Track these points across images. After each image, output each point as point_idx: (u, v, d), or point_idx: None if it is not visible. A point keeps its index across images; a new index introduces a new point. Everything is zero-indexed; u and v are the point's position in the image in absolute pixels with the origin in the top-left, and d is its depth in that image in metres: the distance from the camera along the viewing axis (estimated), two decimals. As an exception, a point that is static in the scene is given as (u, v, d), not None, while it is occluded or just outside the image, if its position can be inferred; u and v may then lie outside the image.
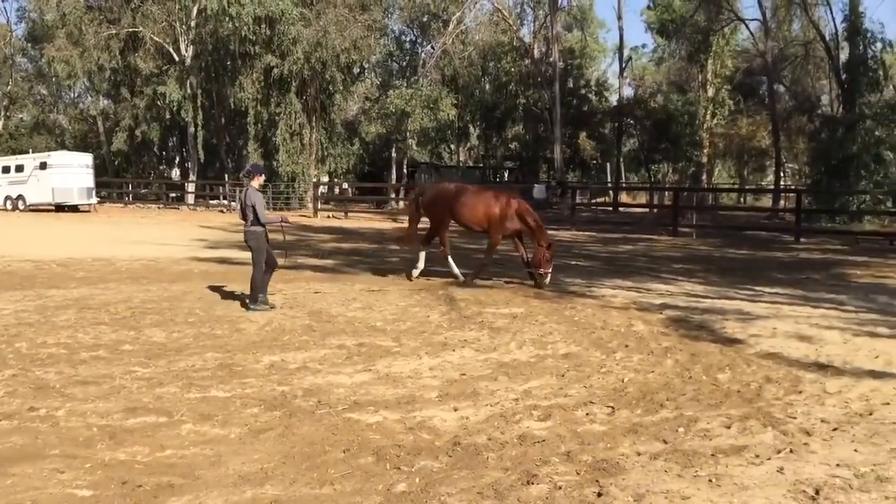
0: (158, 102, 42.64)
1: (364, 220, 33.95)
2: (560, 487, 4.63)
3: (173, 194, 46.57)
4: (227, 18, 37.00)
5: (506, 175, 57.73)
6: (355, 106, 51.71)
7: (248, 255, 11.23)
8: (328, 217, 35.37)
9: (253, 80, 39.19)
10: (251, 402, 6.41)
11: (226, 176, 45.37)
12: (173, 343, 8.64)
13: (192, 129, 42.28)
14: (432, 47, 49.82)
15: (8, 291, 12.02)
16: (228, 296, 11.91)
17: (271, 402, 6.40)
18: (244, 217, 10.85)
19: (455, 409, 6.28)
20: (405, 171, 50.97)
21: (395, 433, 5.68)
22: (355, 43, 39.23)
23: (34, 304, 10.96)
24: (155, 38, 41.01)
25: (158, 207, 41.83)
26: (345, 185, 45.33)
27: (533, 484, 4.69)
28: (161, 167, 57.29)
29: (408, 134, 47.93)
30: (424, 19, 49.95)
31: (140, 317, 10.13)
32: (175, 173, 55.57)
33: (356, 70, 46.30)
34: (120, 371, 7.29)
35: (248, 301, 10.92)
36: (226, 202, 41.10)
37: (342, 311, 10.79)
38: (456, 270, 13.82)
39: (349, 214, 36.17)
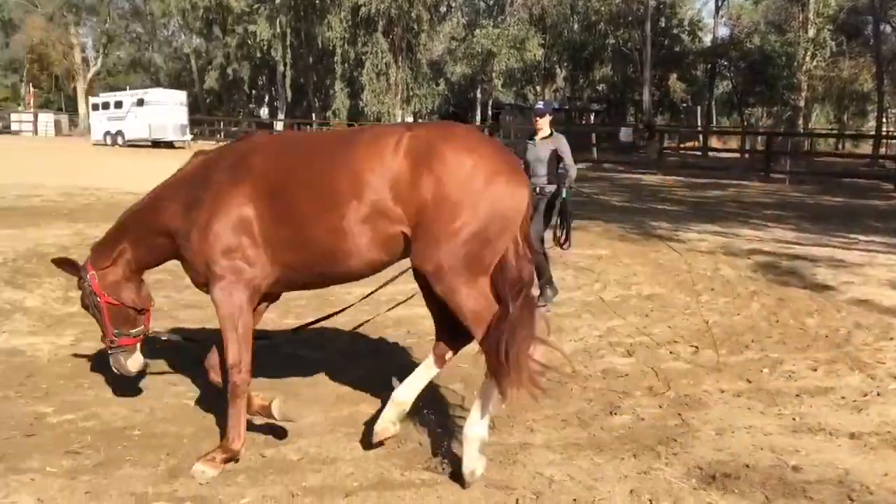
0: (249, 41, 43.37)
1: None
2: (643, 419, 4.77)
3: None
4: (316, -44, 37.12)
5: (592, 117, 56.72)
6: (441, 46, 51.34)
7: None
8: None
9: (341, 18, 39.36)
10: (345, 329, 6.72)
11: (313, 115, 46.01)
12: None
13: (280, 68, 42.94)
14: (520, -15, 48.83)
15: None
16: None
17: (364, 330, 6.68)
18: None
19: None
20: (490, 112, 50.60)
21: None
22: (443, -19, 38.93)
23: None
24: (246, -24, 41.52)
25: (248, 145, 42.76)
26: (429, 126, 45.32)
27: (616, 415, 4.84)
28: (251, 106, 58.44)
29: (493, 75, 47.41)
30: (514, -44, 48.90)
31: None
32: (264, 112, 56.68)
33: (443, 9, 45.88)
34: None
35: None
36: (313, 141, 41.68)
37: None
38: None
39: (433, 155, 36.28)
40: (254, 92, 57.63)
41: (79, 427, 4.48)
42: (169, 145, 37.87)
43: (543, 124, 7.94)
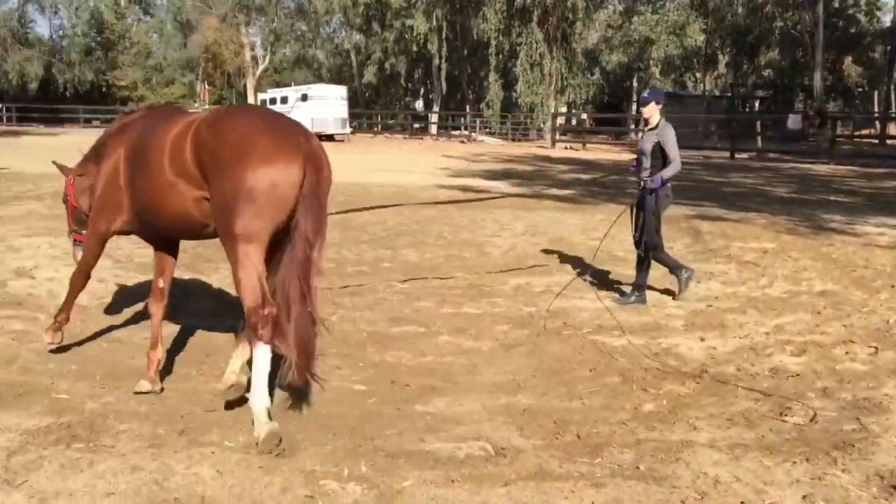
0: (406, 36, 44.38)
1: (602, 152, 33.49)
2: (816, 422, 4.50)
3: (417, 125, 48.54)
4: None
5: (756, 105, 54.05)
6: (596, 34, 50.53)
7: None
8: (566, 148, 35.27)
9: (496, 10, 39.51)
10: (501, 319, 6.77)
11: (467, 107, 46.49)
12: (426, 262, 9.25)
13: (436, 62, 43.67)
14: (680, -31, 47.18)
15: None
16: (472, 223, 12.41)
17: (519, 321, 6.71)
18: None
19: (702, 339, 6.23)
20: (647, 101, 49.23)
21: (640, 357, 5.76)
22: (600, -32, 38.27)
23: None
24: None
25: (404, 137, 43.82)
26: (583, 116, 44.74)
27: (786, 416, 4.59)
28: (406, 99, 59.82)
29: (651, 62, 46.17)
30: (674, -62, 47.32)
31: (395, 238, 10.89)
32: (419, 104, 57.83)
33: (599, -4, 45.14)
34: (382, 285, 7.96)
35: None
36: (466, 133, 42.20)
37: (583, 240, 10.89)
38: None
39: (587, 145, 35.80)
40: (410, 85, 58.94)
41: (253, 405, 4.74)
42: (329, 138, 39.30)
43: (649, 113, 7.41)
